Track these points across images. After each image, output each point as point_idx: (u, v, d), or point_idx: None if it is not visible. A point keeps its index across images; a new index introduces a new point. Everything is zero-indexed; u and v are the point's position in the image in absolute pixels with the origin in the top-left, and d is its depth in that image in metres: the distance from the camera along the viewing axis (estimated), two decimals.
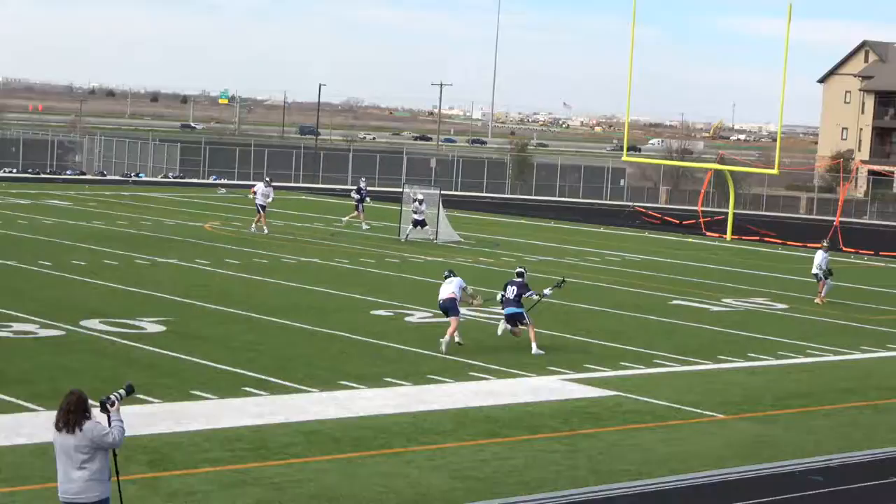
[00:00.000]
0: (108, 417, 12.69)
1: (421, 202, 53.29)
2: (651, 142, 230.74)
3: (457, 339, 28.06)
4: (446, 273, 29.07)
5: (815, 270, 40.91)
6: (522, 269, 29.68)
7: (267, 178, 56.76)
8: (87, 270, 37.89)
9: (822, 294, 40.46)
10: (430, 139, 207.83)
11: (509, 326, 28.69)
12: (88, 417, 12.66)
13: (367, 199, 58.26)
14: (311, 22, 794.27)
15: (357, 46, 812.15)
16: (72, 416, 12.67)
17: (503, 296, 28.92)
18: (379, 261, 45.03)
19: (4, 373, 22.96)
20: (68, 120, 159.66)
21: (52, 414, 19.62)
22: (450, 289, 28.42)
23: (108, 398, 12.80)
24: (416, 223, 52.89)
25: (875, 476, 19.23)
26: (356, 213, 57.63)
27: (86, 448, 12.60)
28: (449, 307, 28.34)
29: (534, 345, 28.25)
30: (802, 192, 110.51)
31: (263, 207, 52.77)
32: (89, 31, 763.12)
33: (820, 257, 40.85)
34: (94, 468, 12.62)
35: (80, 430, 12.61)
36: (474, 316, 32.62)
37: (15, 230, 48.02)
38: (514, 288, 28.73)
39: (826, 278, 40.65)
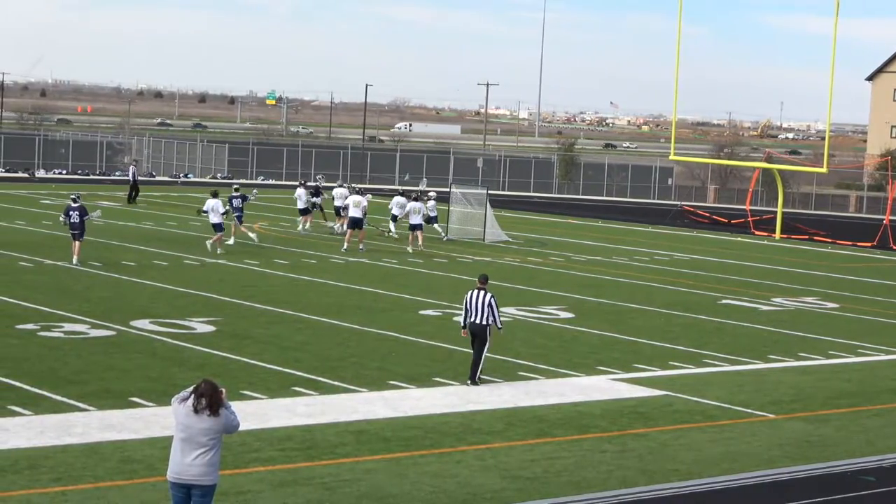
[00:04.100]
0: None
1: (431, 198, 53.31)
2: None
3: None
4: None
5: (433, 214, 51.95)
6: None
7: (317, 180, 56.44)
8: (136, 271, 38.10)
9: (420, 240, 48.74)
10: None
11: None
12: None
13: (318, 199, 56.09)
14: (356, 22, 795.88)
15: (403, 46, 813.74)
16: (214, 400, 13.04)
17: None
18: (427, 261, 45.05)
19: (56, 372, 23.10)
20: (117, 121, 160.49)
21: (104, 413, 19.96)
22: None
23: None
24: (428, 220, 52.01)
25: None
26: (328, 215, 56.47)
27: (216, 433, 13.04)
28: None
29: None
30: (852, 191, 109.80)
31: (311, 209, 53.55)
32: (137, 32, 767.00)
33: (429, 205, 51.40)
34: (215, 454, 13.08)
35: (218, 415, 13.03)
36: (524, 316, 32.63)
37: (65, 231, 48.28)
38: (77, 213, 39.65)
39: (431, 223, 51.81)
